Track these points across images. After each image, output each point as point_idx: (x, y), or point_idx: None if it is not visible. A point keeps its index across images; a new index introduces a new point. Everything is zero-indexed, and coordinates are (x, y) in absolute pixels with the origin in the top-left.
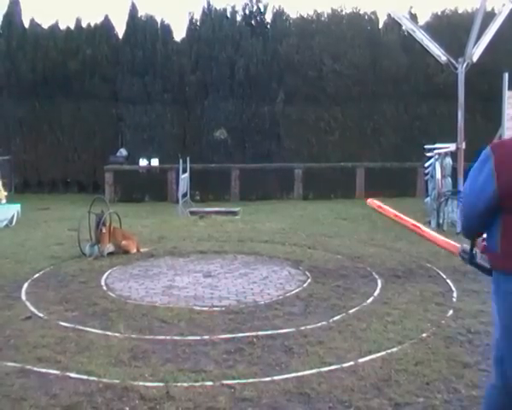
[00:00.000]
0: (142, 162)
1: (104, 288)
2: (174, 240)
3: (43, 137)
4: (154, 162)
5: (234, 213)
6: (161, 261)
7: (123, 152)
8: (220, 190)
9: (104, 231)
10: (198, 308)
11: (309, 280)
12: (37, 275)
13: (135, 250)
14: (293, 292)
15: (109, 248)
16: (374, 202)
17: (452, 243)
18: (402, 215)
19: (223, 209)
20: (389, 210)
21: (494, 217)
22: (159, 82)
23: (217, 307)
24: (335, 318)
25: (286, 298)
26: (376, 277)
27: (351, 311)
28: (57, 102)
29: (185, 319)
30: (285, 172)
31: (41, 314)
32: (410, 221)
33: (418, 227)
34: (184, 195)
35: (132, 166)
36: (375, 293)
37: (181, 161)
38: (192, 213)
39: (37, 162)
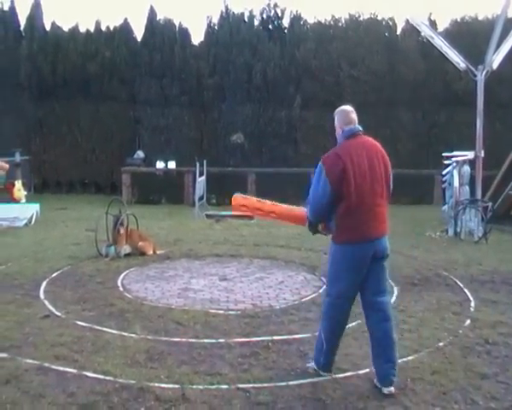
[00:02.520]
0: (159, 165)
1: (121, 289)
2: (190, 243)
3: (62, 138)
4: (171, 165)
5: (250, 217)
6: (177, 264)
7: (140, 154)
8: None
9: (121, 231)
10: (213, 311)
11: (324, 286)
12: (55, 274)
13: (151, 252)
14: (309, 297)
15: (126, 249)
16: (238, 201)
17: (301, 211)
18: (260, 204)
19: (239, 213)
20: (252, 203)
21: (331, 209)
22: (176, 85)
23: (232, 310)
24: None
25: (302, 303)
26: (392, 284)
27: (353, 323)
28: (76, 104)
29: (201, 321)
30: (301, 177)
31: (59, 313)
32: (268, 205)
33: (272, 211)
34: (201, 198)
35: (149, 169)
36: (392, 300)
37: (198, 164)
38: (208, 216)
39: (55, 163)
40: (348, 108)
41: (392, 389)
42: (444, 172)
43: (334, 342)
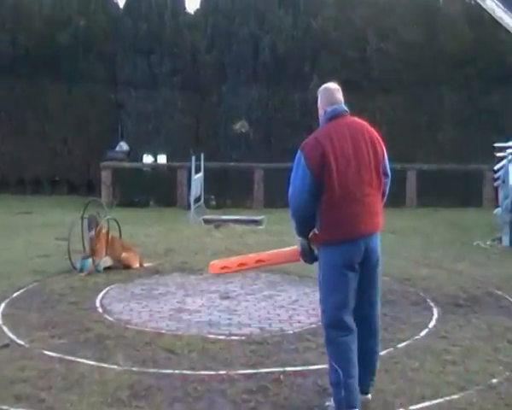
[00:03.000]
0: (147, 159)
1: (99, 310)
2: (184, 253)
3: (24, 126)
4: (161, 159)
5: (257, 223)
6: (169, 279)
7: (123, 146)
8: (240, 195)
9: (93, 233)
10: (213, 337)
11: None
12: (16, 294)
13: (137, 265)
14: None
15: (106, 261)
16: (216, 266)
17: (291, 249)
18: (242, 259)
19: (243, 217)
20: (232, 262)
21: (315, 205)
22: (167, 62)
23: (236, 335)
24: (381, 353)
25: (319, 327)
26: (431, 304)
27: (399, 345)
28: (43, 84)
29: (197, 349)
30: None
31: (21, 342)
32: (252, 257)
33: (261, 260)
34: (197, 199)
35: (134, 164)
36: (430, 324)
37: (193, 158)
38: (206, 221)
39: (17, 156)
40: (333, 85)
41: (369, 396)
42: (496, 168)
43: (351, 367)
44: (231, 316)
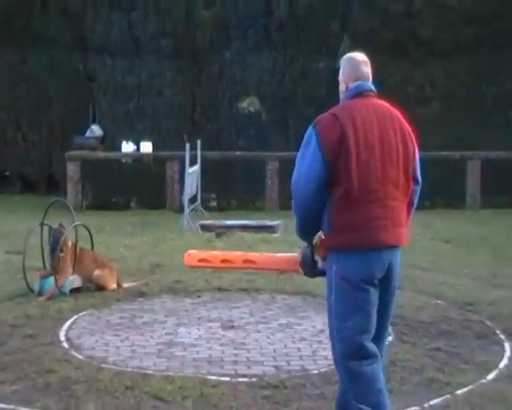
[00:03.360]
0: (127, 147)
1: (65, 345)
2: (177, 270)
3: None
4: (146, 148)
5: (270, 229)
6: (156, 303)
7: (95, 131)
8: (249, 193)
9: (64, 253)
10: (214, 379)
11: (390, 338)
12: None
13: (114, 286)
14: None
15: (73, 281)
16: (193, 258)
17: (290, 255)
18: (228, 254)
19: (253, 223)
20: (214, 256)
21: (325, 199)
22: (153, 20)
23: (244, 376)
24: (434, 401)
25: None
26: (502, 337)
27: (459, 391)
28: None
29: (194, 395)
30: None
31: None
32: (239, 255)
33: (250, 261)
34: (193, 199)
35: (110, 154)
36: (501, 364)
37: (188, 146)
38: (204, 227)
39: None
40: (360, 56)
41: None
42: None
43: (383, 404)
44: (238, 351)
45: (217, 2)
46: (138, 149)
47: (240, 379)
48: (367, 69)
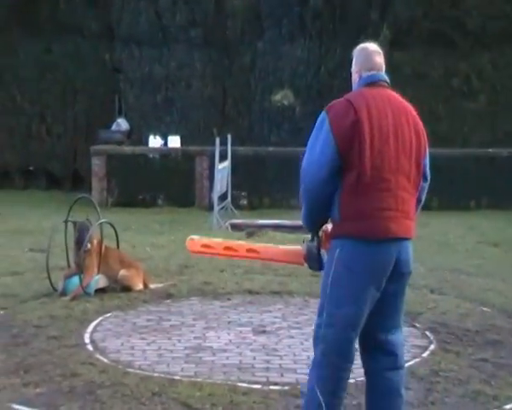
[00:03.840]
0: (154, 142)
1: (89, 348)
2: (206, 271)
3: None
4: (174, 142)
5: (305, 229)
6: (184, 305)
7: (122, 124)
8: (282, 191)
9: (88, 248)
10: (245, 386)
11: (432, 346)
12: None
13: (141, 286)
14: (405, 366)
15: (99, 281)
16: (195, 244)
17: (295, 248)
18: (231, 243)
19: (286, 222)
20: (217, 242)
21: (336, 186)
22: (182, 9)
23: (276, 384)
24: None
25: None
26: None
27: (507, 406)
28: (13, 40)
29: (223, 403)
30: None
31: None
32: (243, 244)
33: (253, 250)
34: (223, 197)
35: (137, 148)
36: None
37: (218, 141)
38: (235, 226)
39: None
40: (372, 46)
41: None
42: None
43: (336, 405)
44: (269, 357)
45: None
46: (166, 143)
47: (272, 387)
48: (380, 59)
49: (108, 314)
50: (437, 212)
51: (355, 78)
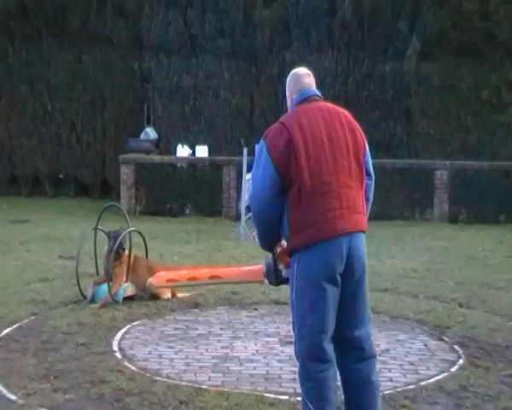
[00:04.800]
0: (182, 151)
1: (118, 355)
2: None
3: (19, 105)
4: (202, 152)
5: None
6: (212, 315)
7: (150, 134)
8: None
9: (122, 260)
10: (272, 396)
11: (461, 361)
12: (7, 331)
13: (168, 295)
14: (433, 380)
15: (127, 289)
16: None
17: (255, 267)
18: (194, 272)
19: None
20: (180, 275)
21: (281, 206)
22: (210, 20)
23: None
24: None
25: (420, 389)
26: None
27: None
28: (44, 49)
29: None
30: (418, 175)
31: (13, 396)
32: (205, 272)
33: (216, 276)
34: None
35: (165, 157)
36: None
37: (245, 151)
38: None
39: (9, 146)
40: (302, 70)
41: None
42: None
43: (327, 405)
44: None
45: (277, 0)
46: (194, 153)
47: (299, 398)
48: (309, 80)
49: (136, 322)
50: (465, 225)
51: (288, 101)
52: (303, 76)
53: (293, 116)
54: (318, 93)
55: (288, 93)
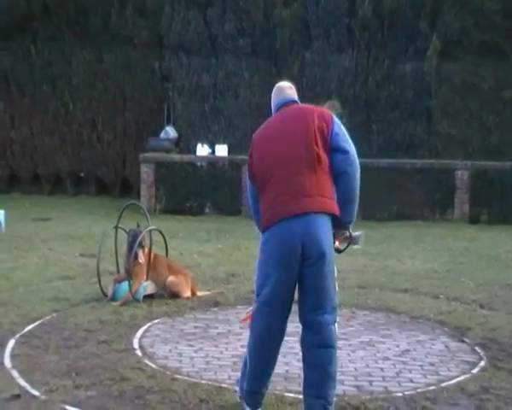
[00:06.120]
0: (202, 150)
1: (138, 353)
2: (252, 280)
3: (41, 104)
4: (221, 151)
5: (351, 240)
6: (232, 314)
7: (170, 133)
8: None
9: (142, 258)
10: (292, 396)
11: (482, 363)
12: (29, 327)
13: (189, 294)
14: (454, 381)
15: (147, 288)
16: None
17: None
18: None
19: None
20: None
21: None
22: (230, 19)
23: None
24: None
25: (440, 390)
26: None
27: None
28: (65, 48)
29: None
30: (439, 176)
31: (36, 392)
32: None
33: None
34: None
35: (185, 156)
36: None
37: None
38: None
39: (31, 144)
40: (285, 83)
41: None
42: None
43: (260, 366)
44: None
45: (298, 0)
46: (213, 152)
47: None
48: (290, 91)
49: (156, 320)
50: (486, 226)
51: (273, 113)
52: (285, 88)
53: (263, 124)
54: (295, 99)
55: (272, 105)
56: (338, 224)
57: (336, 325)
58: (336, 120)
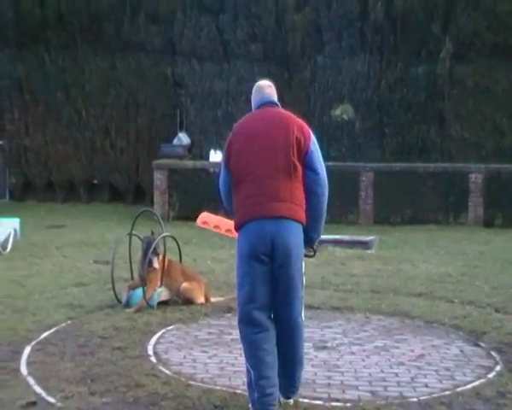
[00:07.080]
0: (215, 156)
1: (152, 359)
2: None
3: (55, 111)
4: None
5: (365, 245)
6: None
7: (183, 139)
8: (342, 206)
9: (156, 265)
10: (306, 401)
11: (498, 367)
12: (45, 334)
13: (202, 300)
14: (470, 386)
15: (161, 294)
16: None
17: None
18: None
19: (346, 238)
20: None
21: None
22: (242, 25)
23: (337, 401)
24: None
25: (456, 395)
26: None
27: None
28: (78, 55)
29: None
30: (453, 179)
31: (51, 399)
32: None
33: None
34: None
35: (198, 163)
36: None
37: None
38: None
39: (45, 152)
40: (264, 83)
41: (291, 401)
42: None
43: (263, 368)
44: (331, 374)
45: (308, 5)
46: None
47: (333, 403)
48: (269, 90)
49: (171, 327)
50: (501, 229)
51: (253, 110)
52: (264, 87)
53: (242, 120)
54: (274, 101)
55: (252, 103)
56: (305, 238)
57: (302, 313)
58: (313, 137)
